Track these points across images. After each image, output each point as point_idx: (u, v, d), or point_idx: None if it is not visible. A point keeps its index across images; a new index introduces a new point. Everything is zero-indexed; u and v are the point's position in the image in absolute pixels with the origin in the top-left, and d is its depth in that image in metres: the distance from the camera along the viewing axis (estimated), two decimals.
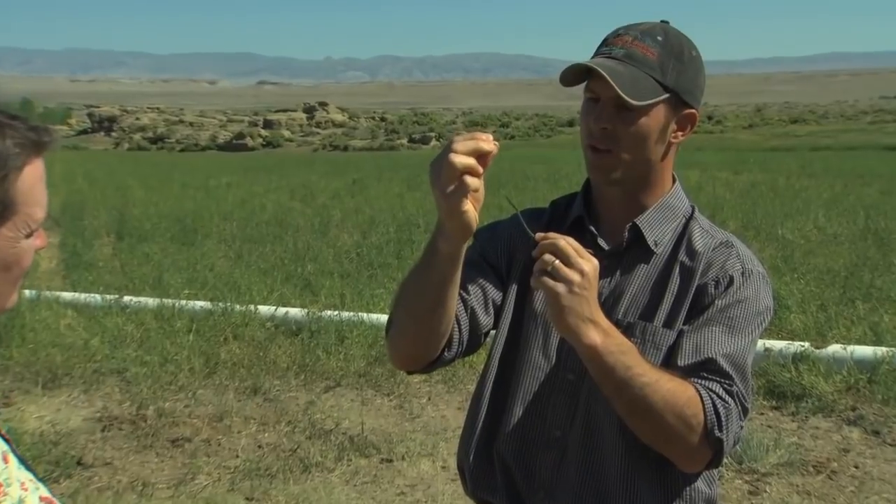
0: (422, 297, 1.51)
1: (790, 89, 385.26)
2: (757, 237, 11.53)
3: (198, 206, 17.66)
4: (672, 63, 1.55)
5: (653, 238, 1.64)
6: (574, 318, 1.38)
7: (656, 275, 1.62)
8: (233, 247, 12.00)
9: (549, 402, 1.65)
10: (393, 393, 5.88)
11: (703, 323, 1.54)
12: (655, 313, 1.59)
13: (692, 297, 1.58)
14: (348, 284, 9.01)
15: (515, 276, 1.72)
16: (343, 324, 6.98)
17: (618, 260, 1.65)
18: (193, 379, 6.09)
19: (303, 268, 10.09)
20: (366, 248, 11.39)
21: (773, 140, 54.93)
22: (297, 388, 6.00)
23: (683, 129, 1.63)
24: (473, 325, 1.67)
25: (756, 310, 1.57)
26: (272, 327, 7.16)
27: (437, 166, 1.36)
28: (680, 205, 1.69)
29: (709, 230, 1.67)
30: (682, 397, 1.44)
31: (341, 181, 24.73)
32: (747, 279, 1.58)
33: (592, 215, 1.71)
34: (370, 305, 7.85)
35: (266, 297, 8.29)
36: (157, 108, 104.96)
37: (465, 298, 1.66)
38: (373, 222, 14.27)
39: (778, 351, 5.89)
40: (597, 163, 1.59)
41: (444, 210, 1.37)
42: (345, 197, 19.68)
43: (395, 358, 1.66)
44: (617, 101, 1.52)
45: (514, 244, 1.74)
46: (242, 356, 6.53)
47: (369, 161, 40.87)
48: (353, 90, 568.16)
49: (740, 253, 1.62)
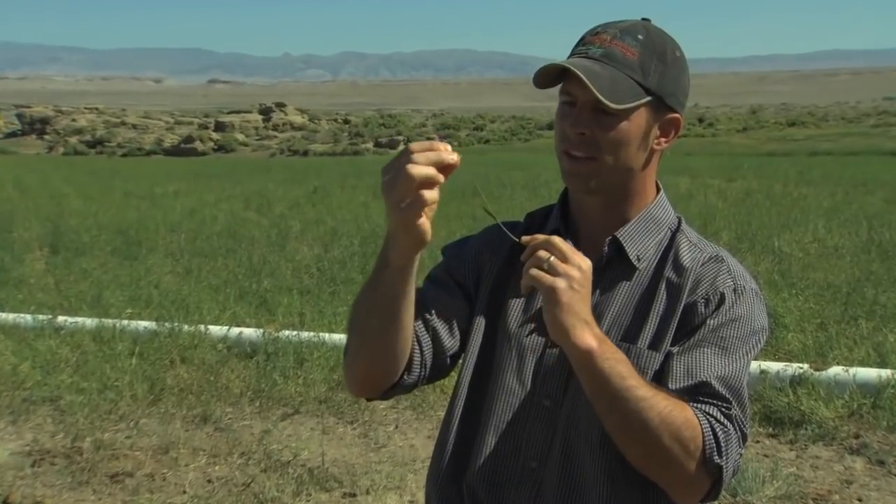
0: (373, 314, 1.52)
1: (787, 89, 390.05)
2: (752, 250, 11.65)
3: (142, 217, 17.54)
4: (654, 64, 1.57)
5: (635, 252, 1.66)
6: (572, 316, 1.40)
7: (640, 293, 1.64)
8: (181, 261, 11.93)
9: (523, 430, 1.65)
10: (357, 420, 5.87)
11: (693, 344, 1.56)
12: (639, 334, 1.60)
13: (679, 316, 1.59)
14: (308, 302, 8.99)
15: (485, 295, 1.73)
16: (302, 345, 6.96)
17: (597, 277, 1.64)
18: (136, 407, 6.04)
19: (258, 284, 10.05)
20: (327, 263, 11.37)
21: (770, 144, 55.52)
22: (251, 415, 5.97)
23: (667, 135, 1.64)
24: (437, 347, 1.67)
25: (750, 330, 1.58)
26: (224, 349, 7.13)
27: (392, 176, 1.36)
28: (665, 216, 1.71)
29: (697, 244, 1.69)
30: (680, 418, 1.44)
31: (301, 189, 24.66)
32: (740, 297, 1.60)
33: (570, 228, 1.72)
34: (332, 325, 7.83)
35: (217, 316, 8.25)
36: (95, 109, 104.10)
37: (428, 319, 1.67)
38: (335, 234, 14.25)
39: (774, 373, 5.95)
40: (573, 170, 1.61)
41: (396, 223, 1.38)
42: (304, 206, 19.63)
43: (351, 383, 1.67)
44: (595, 105, 1.53)
45: (482, 260, 1.75)
46: (191, 381, 6.48)
47: (331, 167, 40.79)
48: (313, 90, 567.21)
49: (732, 268, 1.64)
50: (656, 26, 1.63)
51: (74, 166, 46.01)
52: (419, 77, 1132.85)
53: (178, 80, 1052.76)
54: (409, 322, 1.54)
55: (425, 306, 1.66)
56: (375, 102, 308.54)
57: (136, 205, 20.71)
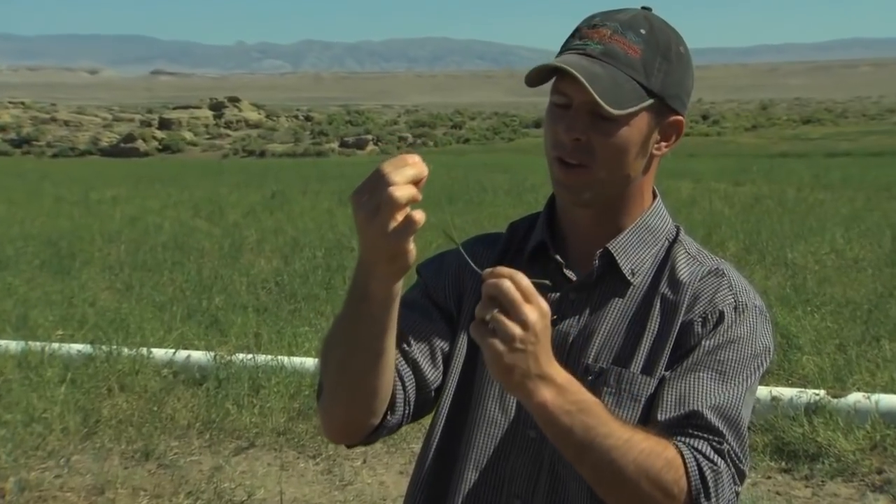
0: (355, 353, 1.51)
1: (801, 83, 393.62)
2: (762, 262, 11.74)
3: (76, 226, 17.44)
4: (658, 62, 1.58)
5: (629, 266, 1.67)
6: (517, 376, 1.38)
7: (633, 310, 1.65)
8: (120, 276, 11.87)
9: (507, 464, 1.66)
10: (320, 455, 5.86)
11: (687, 369, 1.57)
12: (632, 357, 1.61)
13: (675, 336, 1.61)
14: (265, 321, 8.97)
15: (467, 316, 1.73)
16: (258, 370, 6.95)
17: (588, 293, 1.68)
18: (67, 442, 6.00)
19: (209, 301, 10.02)
20: (287, 277, 11.36)
21: (781, 144, 55.96)
22: (200, 450, 5.95)
23: (668, 139, 1.67)
24: (420, 381, 1.68)
25: (752, 352, 1.59)
26: (169, 375, 7.10)
27: (367, 201, 1.35)
28: (661, 225, 1.73)
29: (696, 256, 1.71)
30: (659, 460, 1.45)
31: (257, 194, 24.62)
32: (741, 315, 1.61)
33: (557, 240, 1.73)
34: (292, 347, 7.82)
35: (162, 337, 8.21)
36: (21, 103, 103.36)
37: (407, 350, 1.67)
38: (296, 245, 14.23)
39: (787, 401, 5.99)
40: (566, 180, 1.62)
41: (382, 252, 1.37)
42: (261, 214, 19.60)
43: (330, 429, 1.67)
44: (592, 108, 1.54)
45: (462, 279, 1.76)
46: (131, 412, 6.45)
47: (291, 170, 40.72)
48: (270, 83, 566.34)
49: (733, 283, 1.65)
50: (659, 18, 1.64)
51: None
52: (390, 69, 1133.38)
53: (117, 70, 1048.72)
54: (392, 355, 1.55)
55: (402, 335, 1.65)
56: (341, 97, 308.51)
57: (69, 212, 20.60)
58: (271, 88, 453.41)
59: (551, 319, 1.42)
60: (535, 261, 1.69)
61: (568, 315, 1.67)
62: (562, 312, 1.66)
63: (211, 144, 79.60)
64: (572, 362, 1.57)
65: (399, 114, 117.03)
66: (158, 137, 79.17)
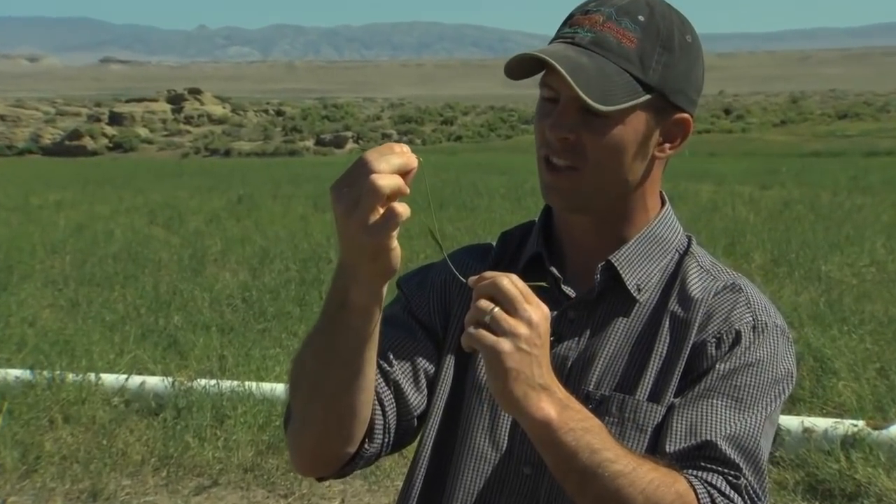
0: (330, 370, 1.52)
1: (837, 72, 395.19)
2: (791, 276, 11.76)
3: (13, 235, 17.38)
4: (657, 53, 1.59)
5: (634, 281, 1.69)
6: (522, 384, 1.39)
7: (639, 331, 1.66)
8: (64, 291, 11.84)
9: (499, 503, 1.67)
10: (292, 493, 5.85)
11: (699, 395, 1.58)
12: (638, 383, 1.62)
13: (686, 359, 1.62)
14: (231, 342, 8.96)
15: (453, 337, 1.74)
16: (223, 397, 6.94)
17: (588, 312, 1.69)
18: (4, 481, 5.97)
19: (166, 320, 10.00)
20: (256, 292, 11.34)
21: (814, 142, 56.16)
22: (156, 489, 5.93)
23: (672, 139, 1.68)
24: (401, 406, 1.68)
25: (772, 376, 1.60)
26: (121, 404, 7.08)
27: (347, 192, 1.36)
28: (671, 235, 1.74)
29: (710, 270, 1.72)
30: (670, 493, 1.45)
31: (221, 199, 24.60)
32: (760, 335, 1.62)
33: (555, 252, 1.75)
34: (261, 371, 7.81)
35: (113, 361, 8.19)
36: None
37: (388, 371, 1.68)
38: (266, 256, 14.22)
39: (822, 433, 5.99)
40: (554, 183, 1.63)
41: (363, 250, 1.38)
42: (226, 221, 19.57)
43: (300, 461, 1.67)
44: (582, 104, 1.54)
45: (450, 295, 1.77)
46: (77, 446, 6.42)
47: (260, 171, 40.69)
48: (237, 72, 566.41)
49: (751, 299, 1.67)
50: (664, 2, 1.65)
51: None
52: (372, 57, 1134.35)
53: (62, 58, 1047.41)
54: (372, 373, 1.55)
55: (383, 355, 1.66)
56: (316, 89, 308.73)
57: (6, 219, 20.54)
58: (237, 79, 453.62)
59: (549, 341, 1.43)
60: (529, 275, 1.69)
61: (566, 336, 1.68)
62: (560, 333, 1.66)
63: (169, 142, 79.67)
64: (572, 388, 1.56)
65: (382, 108, 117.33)
66: (108, 134, 79.20)
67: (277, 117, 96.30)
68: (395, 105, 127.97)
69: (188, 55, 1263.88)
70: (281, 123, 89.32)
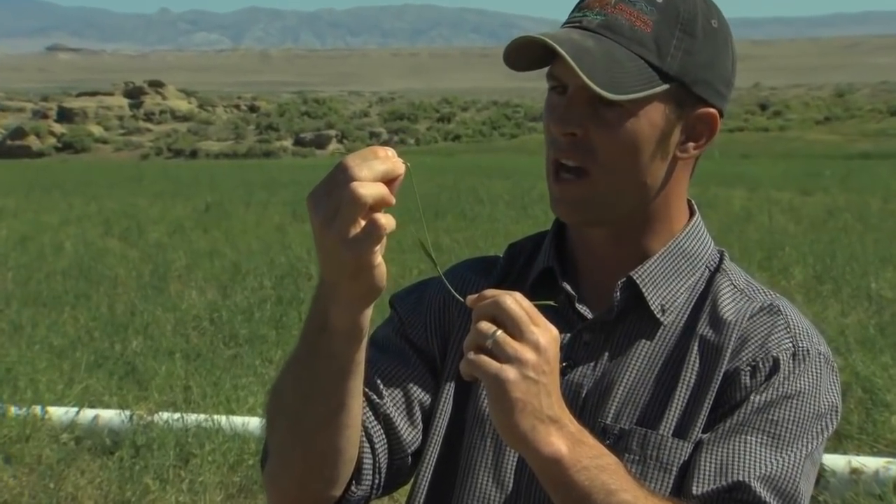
0: (310, 403, 1.51)
1: (888, 62, 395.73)
2: (837, 294, 11.74)
3: None
4: (676, 38, 1.59)
5: (658, 301, 1.68)
6: (529, 417, 1.38)
7: (664, 357, 1.66)
8: (6, 313, 11.81)
9: None
10: None
11: (731, 430, 1.57)
12: (662, 416, 1.62)
13: (717, 389, 1.61)
14: (198, 370, 8.94)
15: (453, 364, 1.74)
16: (188, 433, 6.92)
17: (606, 335, 1.69)
18: None
19: (123, 345, 9.98)
20: (226, 313, 11.32)
21: (863, 142, 56.22)
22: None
23: (697, 138, 1.67)
24: (393, 442, 1.68)
25: (814, 410, 1.60)
26: (71, 441, 7.06)
27: (326, 201, 1.35)
28: (700, 250, 1.74)
29: (745, 289, 1.71)
30: None
31: (186, 207, 24.59)
32: (801, 363, 1.62)
33: (568, 267, 1.75)
34: (232, 403, 7.80)
35: (62, 393, 8.17)
36: None
37: (378, 403, 1.68)
38: (237, 271, 14.22)
39: (872, 474, 5.97)
40: (561, 195, 1.64)
41: (343, 267, 1.37)
42: (192, 232, 19.57)
43: (278, 502, 1.66)
44: (592, 94, 1.54)
45: (450, 315, 1.77)
46: (20, 489, 6.40)
47: (232, 175, 40.68)
48: (204, 62, 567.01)
49: (791, 323, 1.66)
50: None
51: None
52: (358, 45, 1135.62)
53: (2, 45, 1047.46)
54: (358, 406, 1.55)
55: (372, 385, 1.66)
56: (295, 81, 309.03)
57: None
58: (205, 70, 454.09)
59: (560, 367, 1.43)
60: (539, 292, 1.68)
61: (581, 362, 1.68)
62: (574, 358, 1.67)
63: (126, 142, 79.73)
64: (587, 421, 1.56)
65: (370, 103, 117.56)
66: (57, 133, 79.26)
67: (250, 114, 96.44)
68: (384, 100, 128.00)
69: (148, 43, 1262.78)
70: (254, 120, 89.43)
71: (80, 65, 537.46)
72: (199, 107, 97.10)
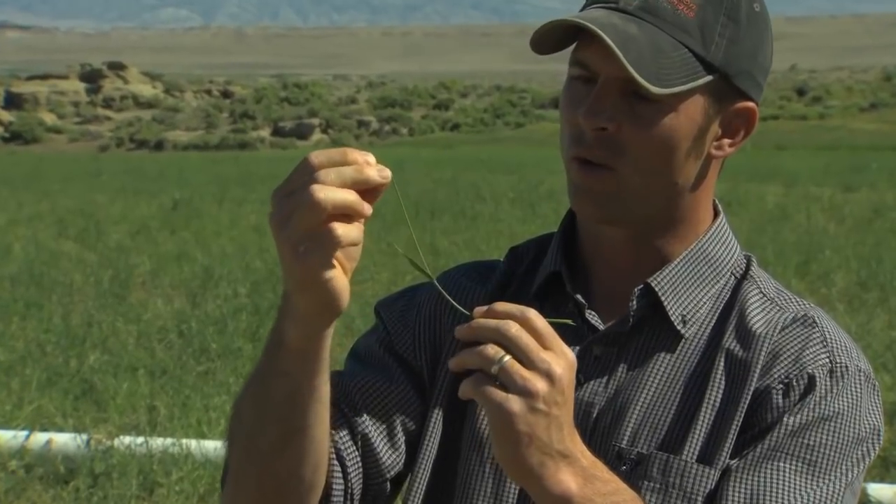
0: (264, 423, 1.52)
1: None
2: (884, 303, 11.75)
3: None
4: (721, 24, 1.59)
5: (679, 311, 1.68)
6: (536, 452, 1.37)
7: (686, 373, 1.66)
8: None
9: None
10: None
11: (763, 455, 1.57)
12: (685, 439, 1.62)
13: (746, 410, 1.61)
14: (164, 389, 8.95)
15: (445, 380, 1.74)
16: (153, 459, 6.94)
17: (620, 348, 1.69)
18: None
19: (80, 360, 9.99)
20: (196, 324, 11.34)
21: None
22: None
23: (733, 134, 1.68)
24: (370, 467, 1.69)
25: (855, 434, 1.60)
26: (20, 469, 7.07)
27: (286, 203, 1.34)
28: (725, 255, 1.74)
29: (775, 298, 1.71)
30: None
31: (151, 204, 24.61)
32: (839, 381, 1.61)
33: (577, 273, 1.74)
34: (203, 426, 7.81)
35: (10, 414, 8.19)
36: None
37: (355, 421, 1.68)
38: (209, 277, 14.23)
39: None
40: (587, 184, 1.62)
41: (293, 277, 1.36)
42: (158, 233, 19.59)
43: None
44: (625, 85, 1.55)
45: (440, 326, 1.77)
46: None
47: (202, 168, 40.73)
48: (171, 41, 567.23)
49: (827, 336, 1.66)
50: None
51: None
52: (345, 23, 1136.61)
53: None
54: (321, 432, 1.55)
55: (349, 401, 1.67)
56: (273, 63, 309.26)
57: None
58: (172, 50, 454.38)
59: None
60: (545, 301, 1.70)
61: (592, 377, 1.68)
62: (584, 374, 1.66)
63: (83, 131, 79.72)
64: (599, 445, 1.58)
65: (358, 88, 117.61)
66: (4, 121, 79.23)
67: (223, 100, 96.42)
68: (374, 84, 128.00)
69: (107, 20, 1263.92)
70: (228, 107, 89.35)
71: (30, 44, 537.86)
72: (166, 92, 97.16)
